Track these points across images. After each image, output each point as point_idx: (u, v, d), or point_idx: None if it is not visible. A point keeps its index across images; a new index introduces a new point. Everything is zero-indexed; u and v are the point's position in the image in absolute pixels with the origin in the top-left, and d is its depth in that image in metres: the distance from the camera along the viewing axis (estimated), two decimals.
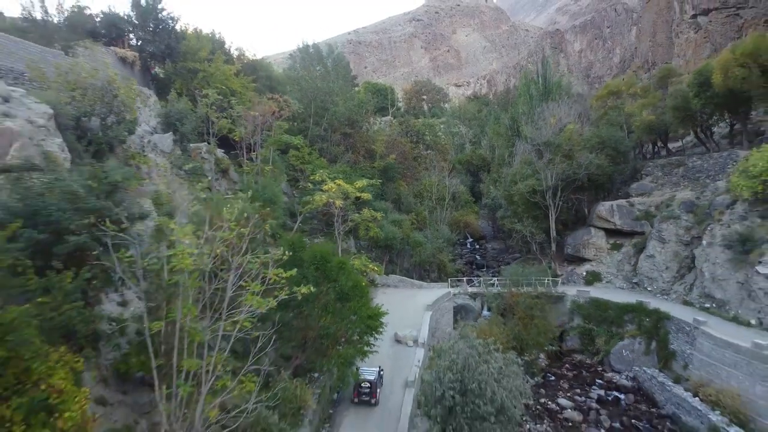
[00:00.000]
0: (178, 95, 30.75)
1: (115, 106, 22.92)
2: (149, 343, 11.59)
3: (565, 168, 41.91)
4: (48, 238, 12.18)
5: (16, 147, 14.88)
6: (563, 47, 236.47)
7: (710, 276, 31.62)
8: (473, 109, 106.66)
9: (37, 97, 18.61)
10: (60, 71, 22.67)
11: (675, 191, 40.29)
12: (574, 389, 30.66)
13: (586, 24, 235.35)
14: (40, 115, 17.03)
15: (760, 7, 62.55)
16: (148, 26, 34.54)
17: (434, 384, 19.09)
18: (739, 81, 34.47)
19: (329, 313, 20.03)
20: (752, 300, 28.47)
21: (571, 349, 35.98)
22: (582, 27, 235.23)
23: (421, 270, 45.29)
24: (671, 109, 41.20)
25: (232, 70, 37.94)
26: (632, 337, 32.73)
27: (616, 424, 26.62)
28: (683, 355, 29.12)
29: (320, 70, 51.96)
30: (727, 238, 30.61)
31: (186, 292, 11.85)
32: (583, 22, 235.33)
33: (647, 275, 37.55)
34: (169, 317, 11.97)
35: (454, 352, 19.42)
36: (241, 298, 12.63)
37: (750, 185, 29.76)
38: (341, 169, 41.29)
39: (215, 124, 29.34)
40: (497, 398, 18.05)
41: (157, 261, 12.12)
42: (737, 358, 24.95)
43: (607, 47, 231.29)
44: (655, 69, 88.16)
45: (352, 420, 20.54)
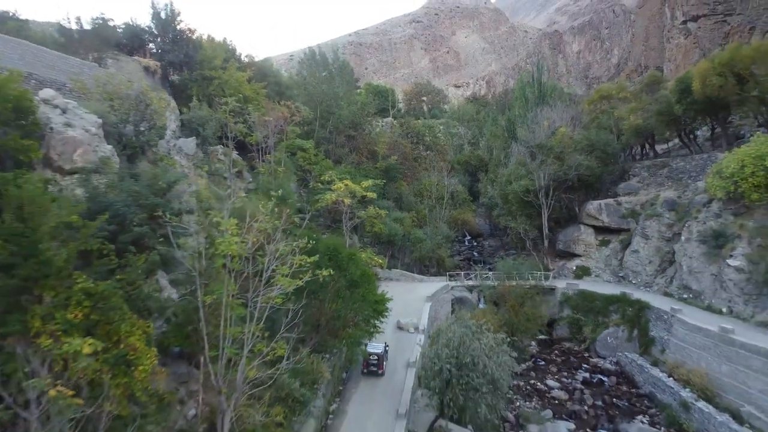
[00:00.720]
0: (199, 102, 33.40)
1: (147, 114, 25.55)
2: (202, 315, 14.25)
3: (557, 169, 44.60)
4: (115, 229, 14.85)
5: (79, 153, 17.52)
6: (562, 48, 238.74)
7: (687, 269, 34.33)
8: (472, 110, 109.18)
9: (84, 108, 21.23)
10: (99, 83, 25.34)
11: (659, 191, 42.95)
12: (561, 372, 33.39)
13: (585, 25, 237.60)
14: (92, 124, 19.65)
15: (746, 15, 65.27)
16: (167, 37, 37.14)
17: (434, 359, 21.76)
18: (717, 89, 37.12)
19: (340, 299, 22.69)
20: (723, 290, 31.18)
21: (561, 338, 38.73)
22: (580, 28, 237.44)
23: (421, 265, 47.98)
24: (656, 114, 43.88)
25: (245, 77, 40.56)
26: (616, 325, 35.47)
27: (598, 402, 29.34)
28: (661, 341, 31.84)
29: (326, 75, 54.62)
30: (703, 234, 33.33)
31: (231, 272, 14.51)
32: (581, 23, 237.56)
33: (632, 269, 40.27)
34: (216, 293, 14.60)
35: (450, 332, 22.10)
36: (273, 279, 15.31)
37: (723, 185, 32.43)
38: (347, 170, 43.98)
39: (233, 129, 31.92)
40: (488, 371, 20.75)
41: (208, 247, 14.75)
42: (707, 342, 27.67)
43: (605, 48, 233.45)
44: (647, 72, 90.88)
45: (362, 388, 23.32)
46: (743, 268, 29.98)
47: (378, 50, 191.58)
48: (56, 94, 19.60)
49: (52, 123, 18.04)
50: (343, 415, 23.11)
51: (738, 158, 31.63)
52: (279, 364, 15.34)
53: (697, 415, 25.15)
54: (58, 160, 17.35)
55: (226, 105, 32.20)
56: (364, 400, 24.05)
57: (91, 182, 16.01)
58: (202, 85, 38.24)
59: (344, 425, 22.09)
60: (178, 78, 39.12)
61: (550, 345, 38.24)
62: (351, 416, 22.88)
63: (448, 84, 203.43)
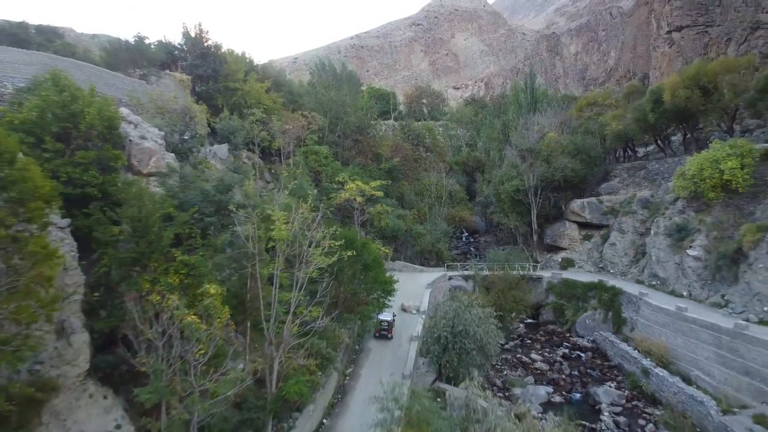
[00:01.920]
0: (230, 112, 38.09)
1: (191, 125, 30.22)
2: (259, 283, 18.89)
3: (545, 171, 49.34)
4: (190, 219, 19.51)
5: (153, 160, 22.20)
6: (559, 50, 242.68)
7: (656, 259, 39.10)
8: (470, 113, 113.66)
9: (148, 122, 25.90)
10: (151, 99, 30.01)
11: (636, 190, 47.70)
12: (544, 349, 38.16)
13: (582, 27, 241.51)
14: (157, 136, 24.32)
15: (724, 27, 70.02)
16: (197, 53, 41.77)
17: (433, 329, 26.50)
18: (684, 100, 41.83)
19: (356, 279, 27.38)
20: (684, 277, 35.95)
21: (546, 321, 43.51)
22: (578, 30, 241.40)
23: (422, 257, 52.69)
24: (634, 121, 48.60)
25: (264, 88, 45.19)
26: (594, 309, 40.24)
27: (574, 373, 34.10)
28: (631, 321, 36.59)
29: (334, 84, 59.25)
30: (668, 228, 38.08)
31: (279, 251, 19.17)
32: (578, 25, 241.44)
33: (610, 260, 45.05)
34: (269, 267, 19.26)
35: (447, 306, 26.84)
36: (310, 257, 19.96)
37: (686, 186, 37.16)
38: (355, 171, 48.61)
39: (258, 136, 36.54)
40: (477, 336, 25.47)
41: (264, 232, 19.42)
42: (666, 319, 32.42)
43: (602, 50, 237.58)
44: (635, 78, 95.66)
45: (372, 356, 28.07)
46: (700, 257, 34.75)
47: (379, 53, 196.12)
48: (129, 111, 24.25)
49: (130, 136, 22.70)
50: (357, 377, 27.86)
51: (698, 162, 36.35)
52: (313, 324, 20.03)
53: (654, 379, 29.92)
54: (138, 166, 22.02)
55: (253, 116, 36.84)
56: (374, 366, 28.79)
57: (168, 183, 20.69)
58: (226, 96, 42.89)
59: (359, 384, 26.83)
60: (204, 89, 43.79)
61: (536, 327, 43.02)
62: (364, 377, 27.62)
63: (447, 86, 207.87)
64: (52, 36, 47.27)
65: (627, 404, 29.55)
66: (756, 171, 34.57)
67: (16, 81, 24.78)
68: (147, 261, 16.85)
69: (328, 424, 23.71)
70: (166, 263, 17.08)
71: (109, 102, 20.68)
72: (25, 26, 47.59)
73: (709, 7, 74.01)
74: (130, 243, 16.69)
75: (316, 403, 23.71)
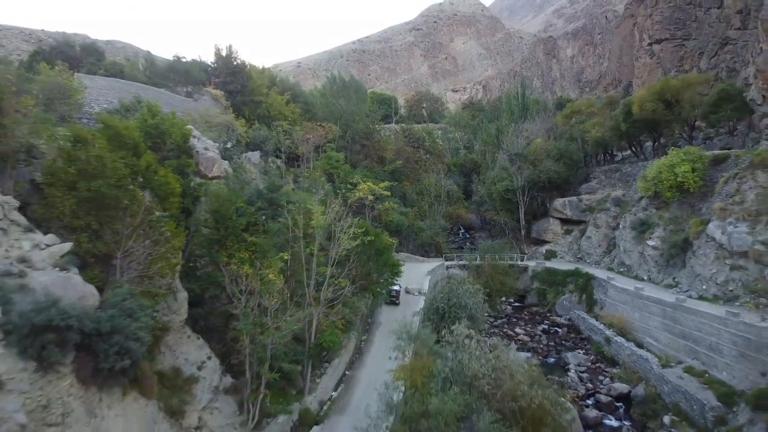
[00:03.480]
0: (256, 122, 44.52)
1: (233, 136, 36.63)
2: (303, 261, 25.27)
3: (531, 173, 55.82)
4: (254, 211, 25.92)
5: (216, 166, 28.59)
6: (556, 53, 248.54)
7: (623, 249, 45.60)
8: (467, 116, 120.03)
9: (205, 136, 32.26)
10: (200, 114, 36.40)
11: (611, 191, 54.15)
12: (528, 325, 44.69)
13: (578, 30, 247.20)
14: (213, 146, 30.72)
15: (699, 41, 76.53)
16: (228, 71, 48.16)
17: (433, 302, 32.98)
18: (650, 111, 48.26)
19: (370, 262, 33.78)
20: (645, 263, 42.44)
21: (531, 304, 50.05)
22: (574, 33, 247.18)
23: (423, 250, 59.12)
24: (610, 129, 55.06)
25: (284, 100, 51.58)
26: (571, 292, 46.74)
27: (551, 343, 40.62)
28: (600, 301, 43.09)
29: (344, 94, 65.68)
30: (633, 223, 44.56)
31: (317, 236, 25.59)
32: (575, 28, 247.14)
33: (587, 251, 51.55)
34: (309, 247, 25.66)
35: (444, 285, 33.30)
36: (339, 240, 26.36)
37: (647, 186, 43.61)
38: (363, 173, 54.98)
39: (284, 144, 42.83)
40: (468, 307, 31.94)
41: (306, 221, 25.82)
42: (627, 298, 38.90)
43: (597, 53, 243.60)
44: (621, 85, 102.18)
45: (384, 321, 34.62)
46: (657, 247, 41.23)
47: (380, 57, 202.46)
48: (192, 127, 30.65)
49: (196, 147, 29.10)
50: (371, 342, 34.34)
51: (657, 166, 42.83)
52: (341, 292, 26.42)
53: (614, 345, 36.44)
54: (204, 171, 28.42)
55: (281, 127, 43.22)
56: (384, 334, 35.10)
57: (230, 184, 27.08)
58: (252, 108, 49.30)
59: (372, 347, 33.29)
60: (233, 102, 50.18)
61: (522, 309, 49.58)
62: (376, 342, 34.08)
63: (446, 88, 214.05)
64: (93, 52, 53.61)
65: (591, 366, 36.08)
66: (705, 174, 41.03)
67: (100, 103, 31.15)
68: (225, 241, 23.22)
69: (349, 375, 30.22)
70: (238, 243, 23.45)
71: (184, 122, 27.12)
72: (72, 44, 53.90)
73: (686, 22, 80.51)
74: (212, 228, 23.09)
75: (341, 358, 30.24)
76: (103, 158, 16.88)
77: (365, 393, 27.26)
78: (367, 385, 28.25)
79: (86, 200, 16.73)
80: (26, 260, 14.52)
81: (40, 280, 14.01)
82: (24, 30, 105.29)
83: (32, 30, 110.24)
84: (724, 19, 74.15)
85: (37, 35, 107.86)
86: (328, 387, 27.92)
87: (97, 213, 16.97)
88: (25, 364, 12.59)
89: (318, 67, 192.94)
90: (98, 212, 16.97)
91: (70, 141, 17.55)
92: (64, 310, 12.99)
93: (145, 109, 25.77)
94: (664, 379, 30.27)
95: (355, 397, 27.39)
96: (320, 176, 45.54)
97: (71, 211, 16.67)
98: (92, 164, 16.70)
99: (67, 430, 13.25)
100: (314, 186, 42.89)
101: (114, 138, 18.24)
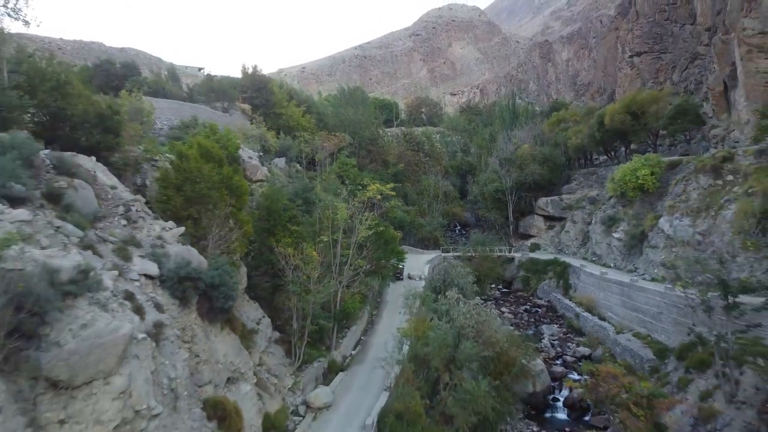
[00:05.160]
0: (284, 134, 51.94)
1: (266, 146, 43.99)
2: (331, 245, 32.64)
3: (518, 175, 63.30)
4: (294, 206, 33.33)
5: (259, 172, 35.97)
6: (551, 57, 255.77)
7: (595, 241, 53.08)
8: (464, 121, 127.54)
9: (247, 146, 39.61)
10: (237, 127, 43.77)
11: (589, 191, 61.65)
12: (512, 306, 52.18)
13: (573, 34, 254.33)
14: (254, 155, 38.09)
15: (674, 54, 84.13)
16: (254, 87, 55.56)
17: (431, 282, 40.36)
18: (619, 122, 55.76)
19: (380, 249, 41.17)
20: (612, 253, 49.92)
21: (516, 289, 57.59)
22: (569, 37, 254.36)
23: (423, 243, 66.57)
24: (588, 137, 62.55)
25: (300, 112, 58.99)
26: (550, 278, 54.21)
27: (531, 320, 48.07)
28: (574, 285, 50.57)
29: (351, 103, 73.28)
30: (603, 219, 52.04)
31: (341, 227, 32.97)
32: (570, 33, 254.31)
33: (566, 244, 59.05)
34: (335, 234, 33.05)
35: (440, 268, 40.73)
36: (358, 229, 33.76)
37: (615, 187, 51.05)
38: (371, 176, 62.35)
39: (304, 152, 50.21)
40: (460, 285, 39.34)
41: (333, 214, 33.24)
42: (594, 281, 46.37)
43: (592, 56, 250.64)
44: (606, 93, 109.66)
45: (390, 300, 42.08)
46: (621, 239, 48.71)
47: (381, 62, 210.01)
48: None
49: (242, 156, 36.49)
50: (380, 316, 41.77)
51: (622, 170, 50.28)
52: (359, 270, 33.81)
53: (582, 319, 43.91)
54: (250, 176, 35.81)
55: (302, 137, 50.67)
56: (391, 310, 42.59)
57: (271, 186, 34.46)
58: (274, 119, 56.68)
59: (381, 320, 40.71)
60: (258, 115, 57.53)
61: (509, 294, 57.06)
62: (384, 316, 41.50)
63: (444, 92, 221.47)
64: (132, 69, 60.82)
65: (563, 336, 43.58)
66: (662, 177, 48.49)
67: (162, 121, 38.54)
68: (274, 230, 30.61)
69: (364, 339, 37.61)
70: (284, 231, 30.84)
71: (236, 136, 34.52)
72: (112, 63, 61.14)
73: (663, 36, 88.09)
74: (264, 219, 30.48)
75: (357, 326, 37.64)
76: (201, 168, 24.28)
77: (377, 351, 34.59)
78: (378, 346, 35.60)
79: (189, 198, 24.10)
80: (161, 238, 21.85)
81: (173, 250, 21.30)
82: (44, 39, 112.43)
83: (51, 39, 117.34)
84: (696, 35, 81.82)
85: (56, 44, 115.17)
86: (348, 346, 35.33)
87: (197, 207, 24.34)
88: (173, 300, 19.90)
89: (321, 72, 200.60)
90: (198, 206, 24.33)
91: (176, 156, 24.92)
92: (195, 268, 20.34)
93: (204, 127, 33.11)
94: (617, 342, 37.74)
95: (370, 355, 34.75)
96: (334, 179, 52.81)
97: (180, 205, 24.05)
98: (194, 173, 24.10)
99: (194, 346, 20.58)
100: (330, 187, 50.38)
101: (205, 153, 25.60)
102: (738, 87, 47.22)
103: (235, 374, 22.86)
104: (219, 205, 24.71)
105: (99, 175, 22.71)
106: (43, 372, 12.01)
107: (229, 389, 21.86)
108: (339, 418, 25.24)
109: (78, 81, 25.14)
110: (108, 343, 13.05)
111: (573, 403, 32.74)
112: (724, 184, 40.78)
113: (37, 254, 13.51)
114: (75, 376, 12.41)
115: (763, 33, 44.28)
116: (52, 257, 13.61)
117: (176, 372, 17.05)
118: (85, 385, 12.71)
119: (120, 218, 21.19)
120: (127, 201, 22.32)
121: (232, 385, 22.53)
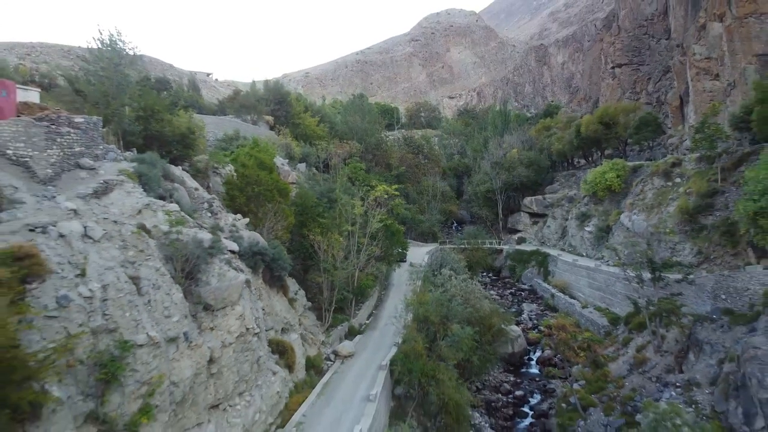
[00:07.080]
0: (304, 143, 60.24)
1: (291, 153, 52.26)
2: (349, 235, 40.99)
3: (507, 177, 71.76)
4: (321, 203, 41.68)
5: (291, 176, 44.28)
6: (547, 60, 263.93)
7: (571, 234, 61.57)
8: (461, 125, 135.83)
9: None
10: (266, 137, 52.05)
11: (568, 191, 70.10)
12: (500, 290, 60.64)
13: (568, 38, 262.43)
14: (284, 161, 46.37)
15: (650, 67, 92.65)
16: (276, 100, 63.84)
17: (431, 266, 48.75)
18: (593, 131, 64.23)
19: (387, 240, 49.54)
20: (584, 244, 58.42)
21: (504, 277, 66.11)
22: (564, 41, 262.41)
23: (423, 237, 74.98)
24: (567, 143, 71.04)
25: (315, 122, 67.31)
26: (533, 266, 62.69)
27: (515, 301, 56.55)
28: (552, 272, 59.05)
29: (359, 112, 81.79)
30: (577, 215, 60.52)
31: (357, 220, 41.33)
32: (565, 36, 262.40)
33: (547, 237, 67.54)
34: (353, 227, 41.41)
35: (437, 254, 49.11)
36: (371, 221, 42.12)
37: (587, 188, 59.52)
38: (377, 178, 70.72)
39: (321, 157, 58.48)
40: (452, 266, 47.71)
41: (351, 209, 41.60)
42: (568, 267, 54.86)
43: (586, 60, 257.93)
44: (591, 101, 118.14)
45: (396, 284, 50.49)
46: (592, 232, 57.17)
47: (381, 67, 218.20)
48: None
49: (276, 163, 44.79)
50: (387, 297, 50.13)
51: (593, 174, 58.77)
52: (372, 255, 42.18)
53: (556, 299, 52.41)
54: (284, 179, 44.12)
55: (320, 145, 59.03)
56: (397, 291, 50.99)
57: (301, 188, 42.78)
58: (293, 128, 64.97)
59: (389, 299, 49.08)
60: (277, 123, 65.82)
61: (497, 280, 65.56)
62: (391, 296, 49.90)
63: (443, 95, 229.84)
64: (165, 83, 68.99)
65: (540, 312, 52.08)
66: (626, 179, 56.96)
67: (210, 134, 46.80)
68: (306, 222, 38.94)
69: (375, 313, 46.02)
70: (314, 223, 39.18)
71: (273, 147, 42.86)
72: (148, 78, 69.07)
73: (642, 50, 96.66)
74: (298, 214, 38.80)
75: (370, 302, 46.00)
76: (258, 174, 32.63)
77: (386, 321, 43.06)
78: (387, 318, 44.02)
79: (250, 197, 32.45)
80: (235, 225, 30.16)
81: (245, 234, 29.59)
82: (63, 47, 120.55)
83: (71, 47, 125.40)
84: (669, 49, 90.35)
85: (75, 51, 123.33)
86: (363, 317, 43.69)
87: (255, 204, 32.67)
88: (248, 269, 28.21)
89: (324, 77, 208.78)
90: (256, 203, 32.67)
91: (239, 165, 33.25)
92: (262, 247, 28.68)
93: (245, 139, 41.41)
94: (582, 315, 46.21)
95: (380, 323, 43.08)
96: (345, 181, 61.01)
97: (242, 202, 32.38)
98: (253, 178, 32.45)
99: (261, 302, 28.95)
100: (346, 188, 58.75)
101: (260, 163, 33.95)
102: (690, 103, 55.70)
103: (287, 326, 31.28)
104: (271, 202, 33.07)
105: (186, 179, 31.11)
106: (202, 299, 20.39)
107: (284, 335, 30.30)
108: (360, 363, 33.59)
109: (164, 108, 33.50)
110: (234, 285, 21.46)
111: (544, 361, 41.29)
112: (673, 185, 49.28)
113: (185, 231, 21.89)
114: (217, 303, 20.80)
115: (709, 58, 52.74)
116: (197, 233, 21.99)
117: (259, 312, 25.46)
118: (221, 309, 21.10)
119: (206, 211, 29.58)
120: (207, 199, 30.71)
121: (284, 333, 30.98)
